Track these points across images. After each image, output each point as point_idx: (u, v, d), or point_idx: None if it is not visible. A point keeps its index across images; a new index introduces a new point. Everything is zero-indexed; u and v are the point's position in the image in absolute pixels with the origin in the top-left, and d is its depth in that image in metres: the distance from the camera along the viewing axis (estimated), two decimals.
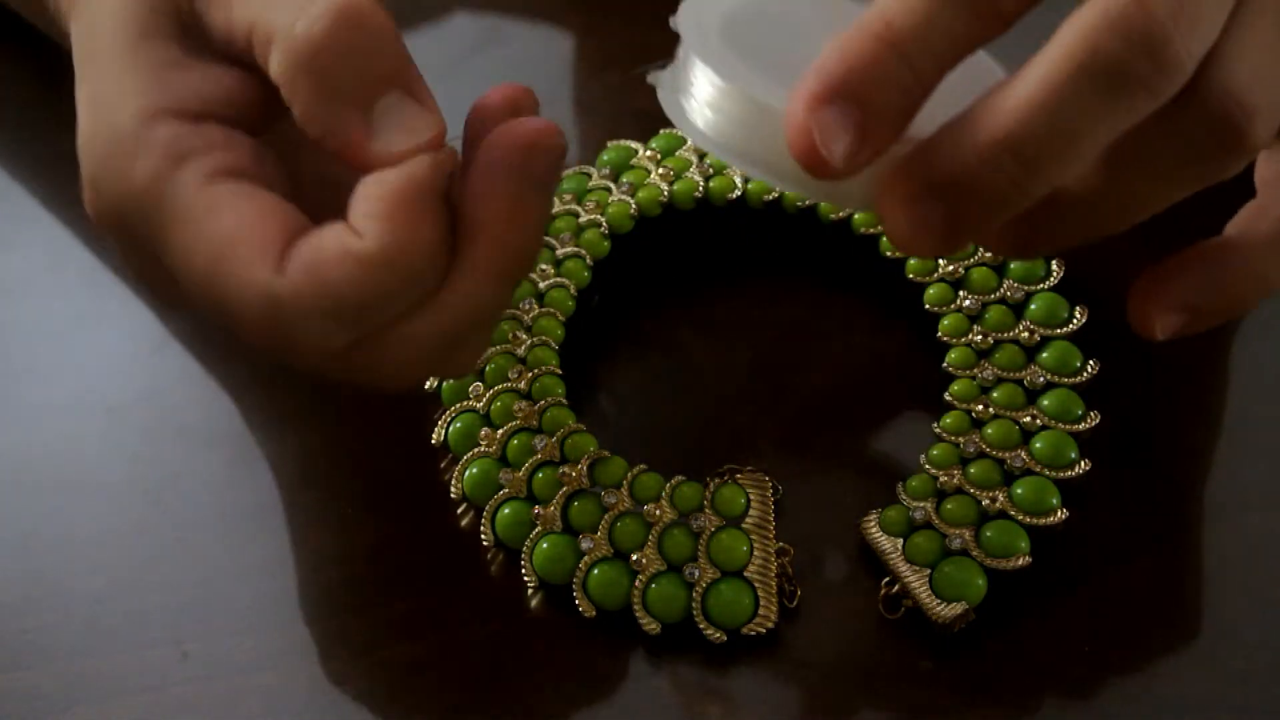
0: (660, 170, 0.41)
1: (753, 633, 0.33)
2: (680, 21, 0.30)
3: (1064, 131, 0.25)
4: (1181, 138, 0.26)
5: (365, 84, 0.29)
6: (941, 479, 0.35)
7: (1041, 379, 0.36)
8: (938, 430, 0.36)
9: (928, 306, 0.38)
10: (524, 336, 0.38)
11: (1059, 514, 0.34)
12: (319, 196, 0.31)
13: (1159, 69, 0.25)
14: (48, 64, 0.47)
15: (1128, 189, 0.27)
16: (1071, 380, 0.36)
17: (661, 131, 0.42)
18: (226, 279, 0.28)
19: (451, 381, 0.37)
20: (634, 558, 0.34)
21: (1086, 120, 0.25)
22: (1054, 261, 0.38)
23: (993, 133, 0.26)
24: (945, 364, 0.37)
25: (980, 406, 0.36)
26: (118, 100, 0.29)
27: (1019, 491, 0.34)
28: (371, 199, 0.28)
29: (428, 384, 0.38)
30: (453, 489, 0.36)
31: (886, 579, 0.34)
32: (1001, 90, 0.26)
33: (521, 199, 0.29)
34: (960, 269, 0.38)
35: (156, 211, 0.29)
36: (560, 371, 0.37)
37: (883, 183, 0.27)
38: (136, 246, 0.30)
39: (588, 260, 0.39)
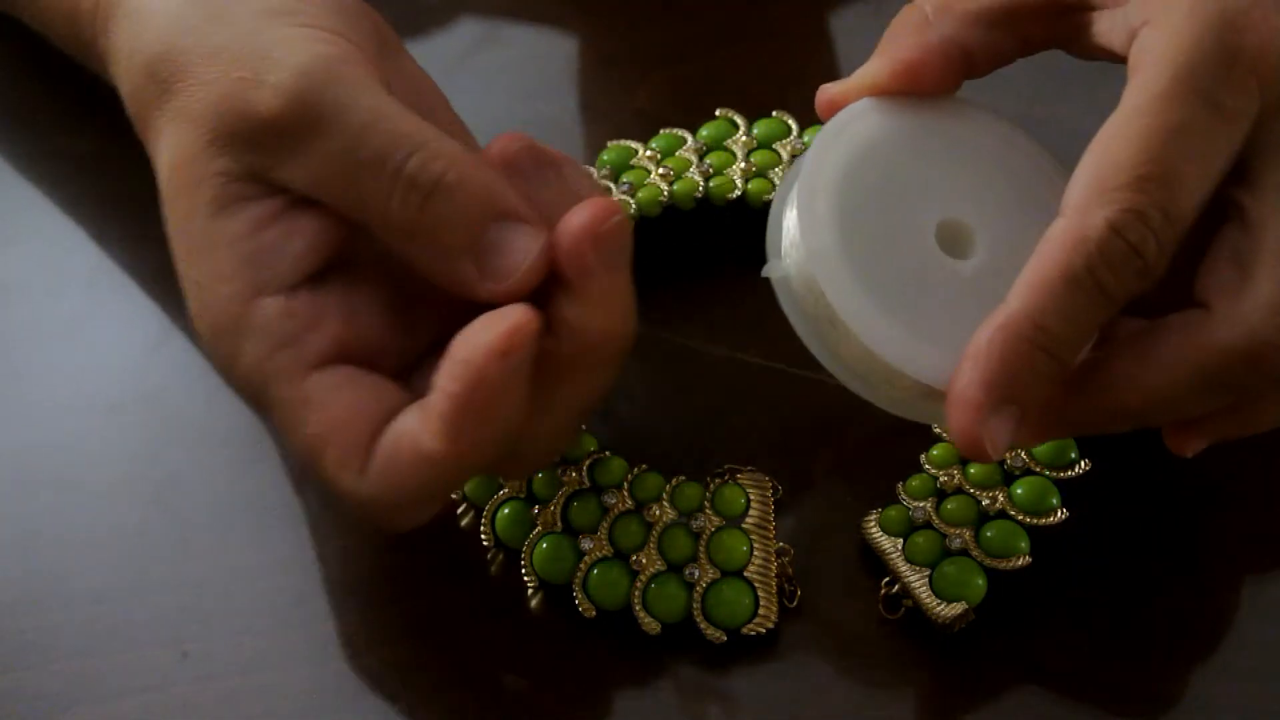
0: (660, 170, 0.41)
1: (753, 633, 0.33)
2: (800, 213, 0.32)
3: (1178, 410, 0.31)
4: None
5: (467, 234, 0.30)
6: (941, 479, 0.35)
7: None
8: (938, 430, 0.36)
9: None
10: None
11: (1059, 514, 0.34)
12: None
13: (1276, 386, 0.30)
14: (49, 64, 0.47)
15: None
16: None
17: (661, 131, 0.42)
18: (321, 473, 0.30)
19: None
20: (634, 558, 0.34)
21: (1198, 406, 0.30)
22: None
23: (1121, 410, 0.30)
24: None
25: None
26: (214, 284, 0.31)
27: (1019, 491, 0.34)
28: (443, 395, 0.29)
29: None
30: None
31: (886, 579, 0.34)
32: (1130, 375, 0.30)
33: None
34: None
35: (263, 395, 0.31)
36: None
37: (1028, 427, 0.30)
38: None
39: None
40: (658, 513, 0.34)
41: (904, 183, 0.32)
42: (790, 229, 0.32)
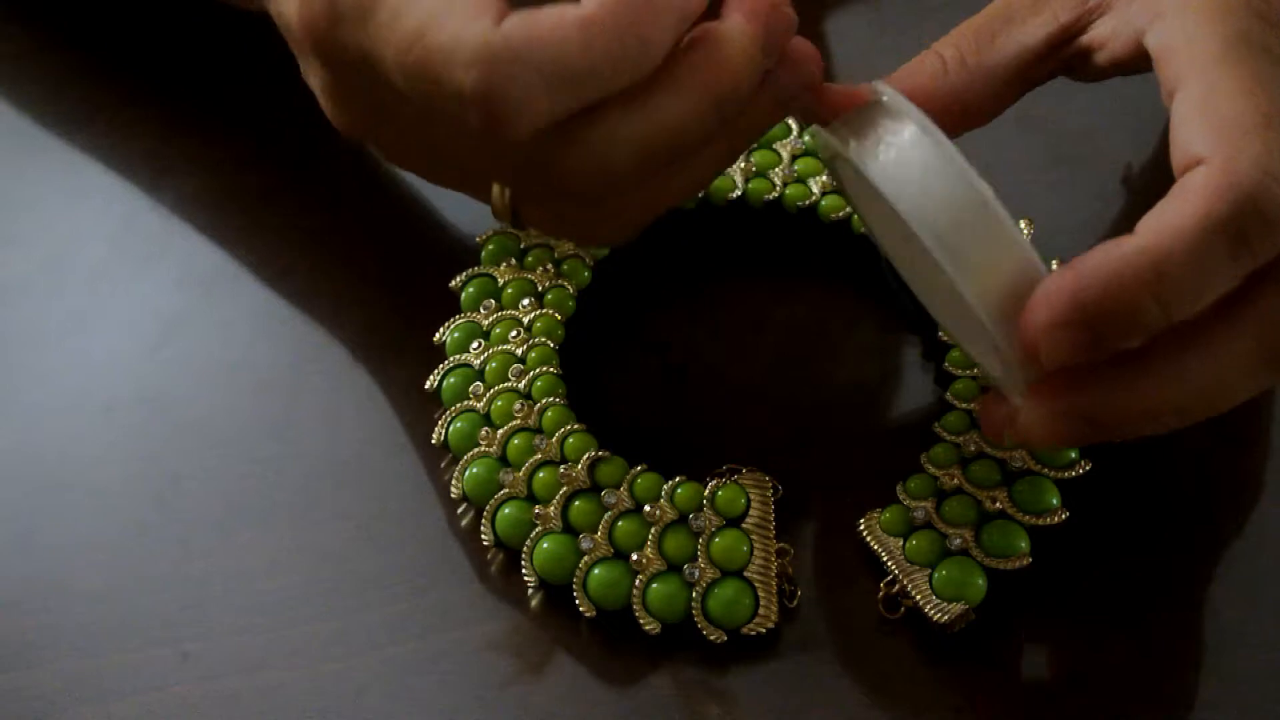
0: None
1: (753, 633, 0.33)
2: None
3: (1192, 282, 0.27)
4: None
5: None
6: (941, 479, 0.35)
7: None
8: (938, 430, 0.36)
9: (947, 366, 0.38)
10: (524, 336, 0.38)
11: (1059, 514, 0.34)
12: None
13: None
14: (49, 67, 0.47)
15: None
16: None
17: None
18: (441, 32, 0.28)
19: (452, 381, 0.37)
20: (634, 558, 0.34)
21: (1212, 273, 0.27)
22: None
23: (1137, 301, 0.27)
24: (946, 363, 0.37)
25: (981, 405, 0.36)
26: None
27: (1019, 491, 0.34)
28: None
29: (428, 383, 0.38)
30: (453, 489, 0.36)
31: (886, 579, 0.34)
32: (1142, 248, 0.27)
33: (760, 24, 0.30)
34: None
35: None
36: (560, 371, 0.37)
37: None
38: (345, 54, 0.30)
39: (587, 260, 0.40)
40: (658, 513, 0.34)
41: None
42: (890, 118, 0.30)
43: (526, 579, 0.34)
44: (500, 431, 0.36)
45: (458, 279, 0.40)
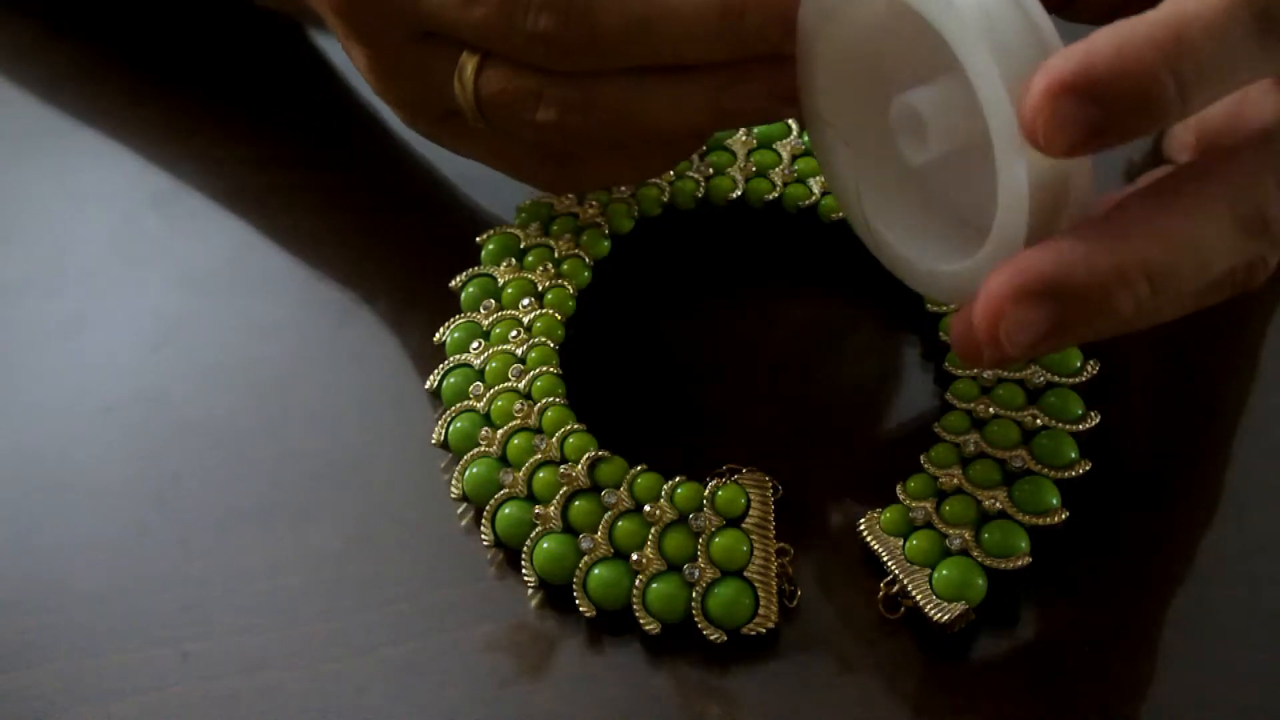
0: None
1: (753, 633, 0.33)
2: None
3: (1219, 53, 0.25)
4: None
5: None
6: (941, 479, 0.35)
7: (1041, 379, 0.36)
8: (938, 430, 0.36)
9: (929, 307, 0.38)
10: (524, 336, 0.38)
11: (1059, 514, 0.34)
12: None
13: None
14: (49, 65, 0.47)
15: None
16: (1071, 380, 0.36)
17: None
18: None
19: (452, 381, 0.37)
20: (634, 558, 0.34)
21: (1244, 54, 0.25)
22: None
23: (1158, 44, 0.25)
24: (946, 364, 0.37)
25: (980, 406, 0.36)
26: None
27: (1019, 491, 0.34)
28: None
29: (428, 383, 0.38)
30: (453, 489, 0.36)
31: (886, 579, 0.34)
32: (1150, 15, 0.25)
33: None
34: None
35: None
36: (560, 371, 0.37)
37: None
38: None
39: (587, 260, 0.40)
40: (658, 513, 0.34)
41: None
42: None
43: (526, 579, 0.34)
44: (500, 431, 0.36)
45: (458, 279, 0.40)
